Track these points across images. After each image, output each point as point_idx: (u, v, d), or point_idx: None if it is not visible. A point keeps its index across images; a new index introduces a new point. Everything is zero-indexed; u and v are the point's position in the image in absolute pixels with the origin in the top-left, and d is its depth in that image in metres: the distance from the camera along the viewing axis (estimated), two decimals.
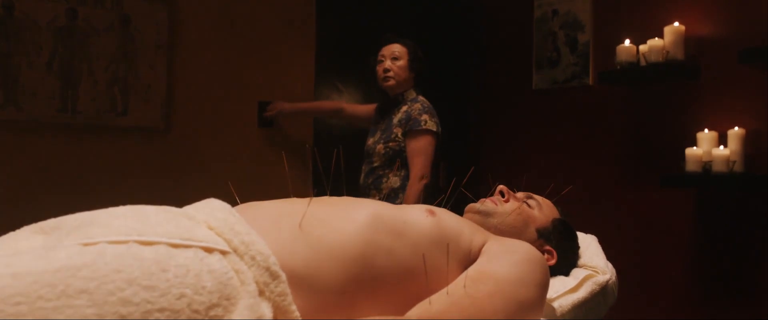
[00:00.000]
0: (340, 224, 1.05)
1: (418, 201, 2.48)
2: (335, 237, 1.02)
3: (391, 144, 2.69)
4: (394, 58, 2.73)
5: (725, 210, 2.60)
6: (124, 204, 1.01)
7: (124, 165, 2.84)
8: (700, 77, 2.68)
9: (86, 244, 0.83)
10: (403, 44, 2.78)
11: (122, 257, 0.82)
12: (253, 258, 0.92)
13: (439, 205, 1.24)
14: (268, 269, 0.92)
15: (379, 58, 2.79)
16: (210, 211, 1.00)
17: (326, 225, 1.04)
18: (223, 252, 0.91)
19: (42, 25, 2.69)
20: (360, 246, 1.02)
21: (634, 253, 2.87)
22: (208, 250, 0.90)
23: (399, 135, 2.68)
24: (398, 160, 2.68)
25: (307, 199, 1.12)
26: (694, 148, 2.54)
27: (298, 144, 3.29)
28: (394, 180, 2.70)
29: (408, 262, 1.06)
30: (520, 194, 1.42)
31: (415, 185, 2.59)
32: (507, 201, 1.37)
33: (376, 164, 2.75)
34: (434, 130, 2.63)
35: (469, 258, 1.14)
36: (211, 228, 0.96)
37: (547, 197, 1.44)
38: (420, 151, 2.59)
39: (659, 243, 2.81)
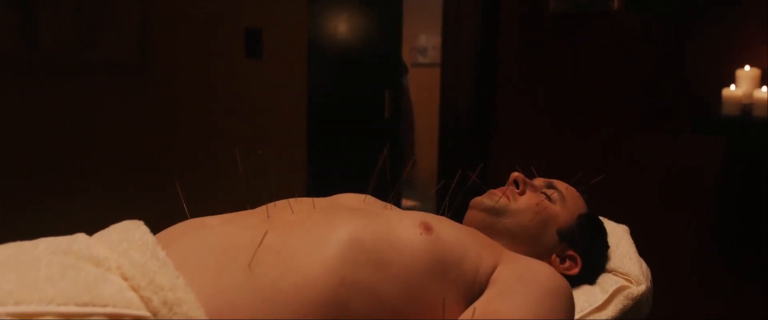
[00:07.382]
0: (303, 259, 0.79)
1: None
2: (296, 281, 0.77)
3: None
4: None
5: (765, 161, 2.34)
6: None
7: (95, 105, 2.57)
8: (742, 4, 2.36)
9: None
10: None
11: None
12: None
13: (441, 210, 0.99)
14: None
15: None
16: (126, 249, 0.75)
17: (284, 261, 0.79)
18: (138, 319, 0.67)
19: None
20: (330, 290, 0.78)
21: (658, 206, 2.63)
22: (117, 318, 0.66)
23: None
24: None
25: (263, 213, 0.87)
26: (733, 87, 2.25)
27: (291, 75, 3.01)
28: None
29: (394, 302, 0.82)
30: (538, 181, 1.15)
31: None
32: (522, 193, 1.11)
33: None
34: None
35: (474, 289, 0.89)
36: (125, 279, 0.71)
37: (572, 185, 1.17)
38: None
39: (688, 195, 2.56)
